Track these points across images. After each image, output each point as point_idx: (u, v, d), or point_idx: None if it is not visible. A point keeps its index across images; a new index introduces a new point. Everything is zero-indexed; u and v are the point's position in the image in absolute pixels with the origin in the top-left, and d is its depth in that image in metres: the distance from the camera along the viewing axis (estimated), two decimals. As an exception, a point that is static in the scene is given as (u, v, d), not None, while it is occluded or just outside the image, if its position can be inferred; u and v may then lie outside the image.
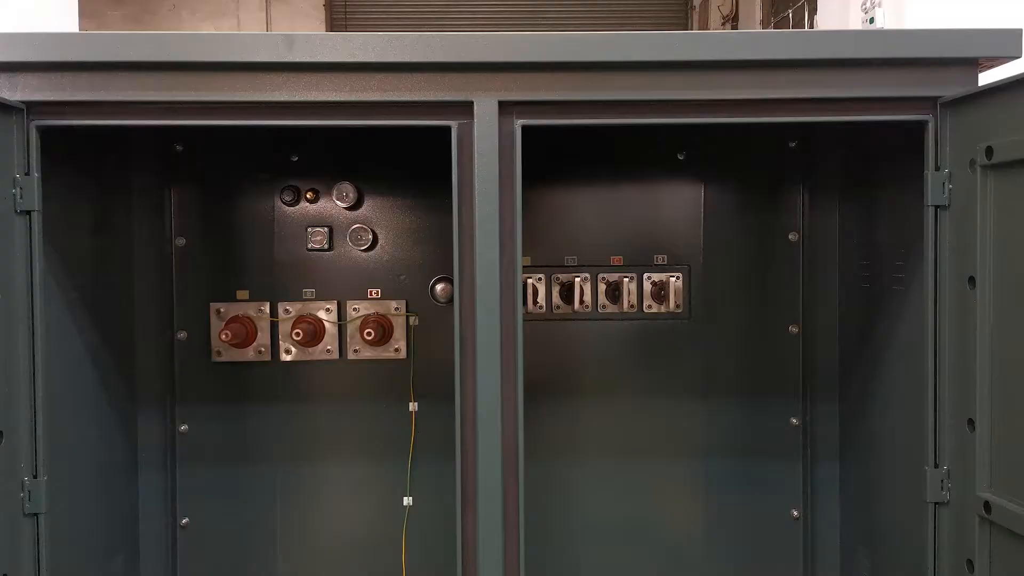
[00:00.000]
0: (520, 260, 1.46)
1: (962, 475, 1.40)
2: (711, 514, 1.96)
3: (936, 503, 1.45)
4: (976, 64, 1.45)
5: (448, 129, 1.44)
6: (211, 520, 1.94)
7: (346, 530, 1.96)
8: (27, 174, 1.39)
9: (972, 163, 1.35)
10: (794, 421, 1.95)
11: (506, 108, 1.44)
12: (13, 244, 1.38)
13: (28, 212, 1.40)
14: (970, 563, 1.37)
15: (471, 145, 1.44)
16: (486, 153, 1.44)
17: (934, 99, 1.43)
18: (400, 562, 1.93)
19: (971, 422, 1.37)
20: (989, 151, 1.31)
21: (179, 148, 1.91)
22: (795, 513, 1.95)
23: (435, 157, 1.51)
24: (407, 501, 1.93)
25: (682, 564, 1.97)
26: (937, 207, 1.43)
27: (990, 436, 1.34)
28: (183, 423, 1.93)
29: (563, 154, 1.90)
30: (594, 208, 1.96)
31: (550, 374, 1.94)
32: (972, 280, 1.35)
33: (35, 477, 1.42)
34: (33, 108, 1.40)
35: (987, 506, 1.33)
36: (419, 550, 1.93)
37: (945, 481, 1.44)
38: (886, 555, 1.72)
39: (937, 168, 1.43)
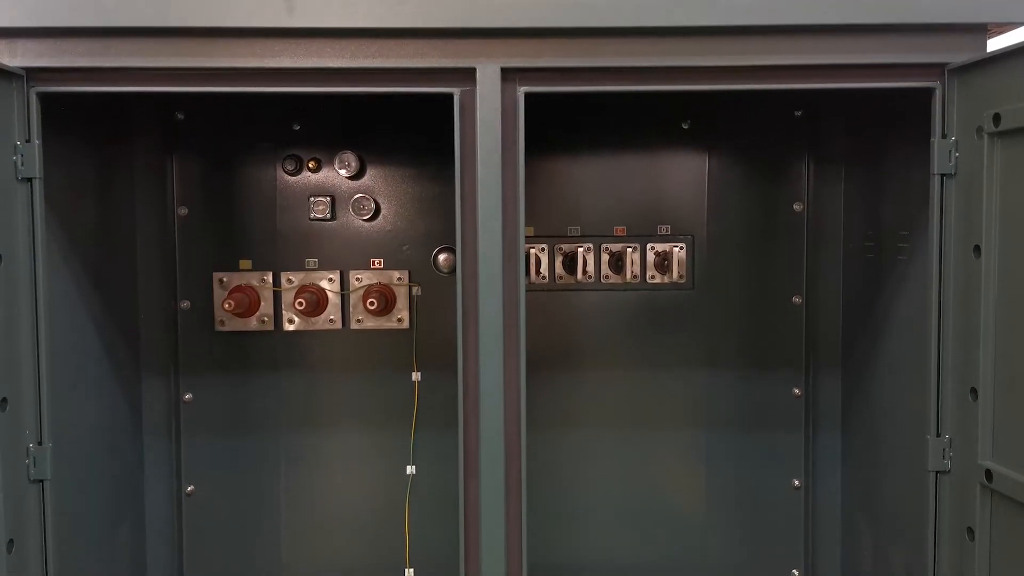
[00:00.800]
0: (523, 229, 1.45)
1: (964, 444, 1.40)
2: (713, 484, 1.97)
3: (938, 472, 1.45)
4: (985, 30, 1.43)
5: (450, 96, 1.42)
6: (216, 488, 1.95)
7: (350, 498, 1.97)
8: (28, 141, 1.39)
9: (979, 131, 1.34)
10: (796, 392, 1.95)
11: (509, 75, 1.42)
12: (15, 211, 1.38)
13: (29, 179, 1.39)
14: (970, 531, 1.38)
15: (474, 113, 1.43)
16: (489, 121, 1.43)
17: (941, 66, 1.41)
18: (403, 530, 1.94)
19: (974, 391, 1.37)
20: (996, 118, 1.30)
21: (180, 116, 1.90)
22: (796, 483, 1.96)
23: (438, 126, 1.50)
24: (410, 470, 1.95)
25: (683, 533, 1.98)
26: (943, 175, 1.42)
27: (993, 405, 1.34)
28: (187, 392, 1.94)
29: (566, 123, 1.89)
30: (597, 178, 1.95)
31: (553, 344, 1.94)
32: (977, 249, 1.35)
33: (40, 444, 1.43)
34: (33, 74, 1.39)
35: (988, 474, 1.33)
36: (422, 517, 1.94)
37: (947, 450, 1.44)
38: (887, 524, 1.73)
39: (944, 136, 1.41)
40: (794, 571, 1.97)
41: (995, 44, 1.40)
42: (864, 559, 1.85)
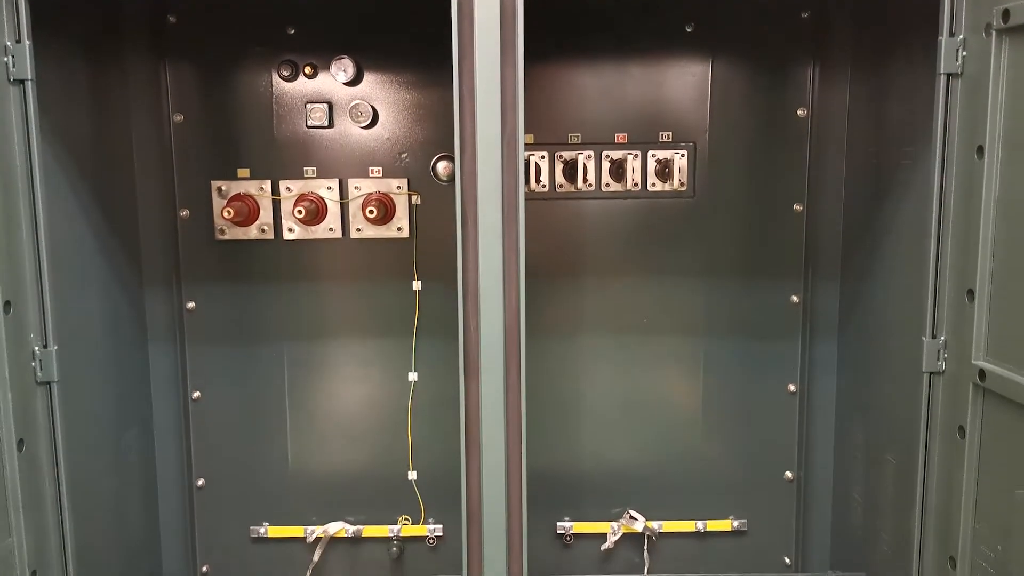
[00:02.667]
0: (522, 132, 1.43)
1: (958, 346, 1.42)
2: (710, 389, 2.00)
3: (932, 372, 1.48)
4: (998, -78, 1.38)
5: (447, -5, 1.39)
6: (222, 394, 1.99)
7: (354, 404, 2.01)
8: (18, 42, 1.36)
9: (987, 28, 1.31)
10: (794, 299, 1.96)
11: (508, -27, 1.38)
12: (9, 114, 1.37)
13: (22, 81, 1.38)
14: (961, 429, 1.41)
15: (471, 15, 1.40)
16: (487, 21, 1.39)
17: (952, -41, 1.37)
18: (406, 435, 1.98)
19: (971, 292, 1.37)
20: (1006, 14, 1.27)
21: (172, 19, 1.86)
22: (792, 388, 1.99)
23: (436, 30, 1.47)
24: (412, 376, 1.98)
25: (680, 437, 2.02)
26: (949, 75, 1.39)
27: (989, 306, 1.35)
28: (190, 300, 1.95)
29: (566, 27, 1.85)
30: (598, 84, 1.92)
31: (552, 253, 1.95)
32: (980, 149, 1.33)
33: (45, 347, 1.45)
34: (21, -28, 1.36)
35: (982, 374, 1.35)
36: (425, 422, 1.98)
37: (942, 351, 1.46)
38: (879, 427, 1.77)
39: (951, 34, 1.38)
40: (787, 472, 2.02)
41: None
42: (856, 461, 1.89)
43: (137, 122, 1.88)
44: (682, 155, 1.91)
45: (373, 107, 1.89)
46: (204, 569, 2.05)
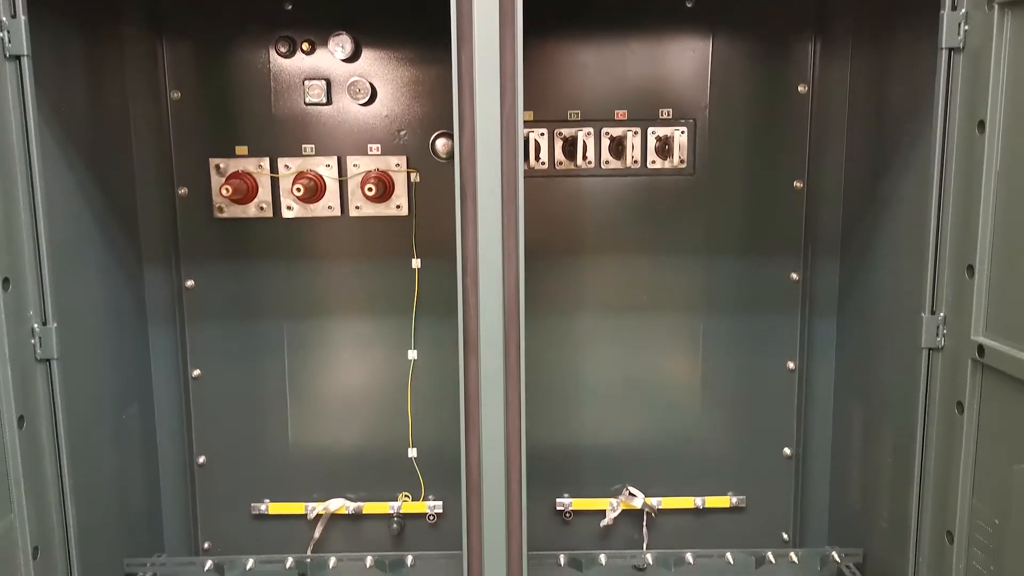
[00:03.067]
0: (521, 107, 1.42)
1: (958, 321, 1.42)
2: (709, 366, 2.01)
3: (930, 349, 1.48)
4: None
5: (446, -32, 1.38)
6: (222, 371, 1.99)
7: (354, 382, 2.01)
8: (13, 17, 1.35)
9: (989, 1, 1.30)
10: (794, 276, 1.96)
11: (506, -54, 1.37)
12: (5, 90, 1.36)
13: (18, 57, 1.37)
14: (959, 405, 1.41)
15: (470, -12, 1.39)
16: (485, -4, 1.38)
17: (955, -68, 1.36)
18: (407, 412, 1.99)
19: (970, 268, 1.37)
20: (1009, -13, 1.26)
21: (168, -6, 1.85)
22: (791, 365, 1.99)
23: (434, 5, 1.46)
24: (412, 355, 1.98)
25: (679, 414, 2.03)
26: (951, 49, 1.38)
27: (988, 281, 1.35)
28: (189, 279, 1.95)
29: (566, 3, 1.83)
30: (598, 60, 1.91)
31: (552, 230, 1.94)
32: (982, 124, 1.33)
33: (44, 324, 1.45)
34: (15, -55, 1.35)
35: (981, 350, 1.35)
36: (424, 400, 1.99)
37: (941, 327, 1.46)
38: (877, 403, 1.77)
39: (953, 8, 1.37)
40: (785, 449, 2.03)
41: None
42: (854, 437, 1.90)
43: (134, 99, 1.87)
44: (682, 132, 1.90)
45: (371, 84, 1.88)
46: (206, 546, 2.06)
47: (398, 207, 1.92)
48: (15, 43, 1.35)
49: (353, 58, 1.88)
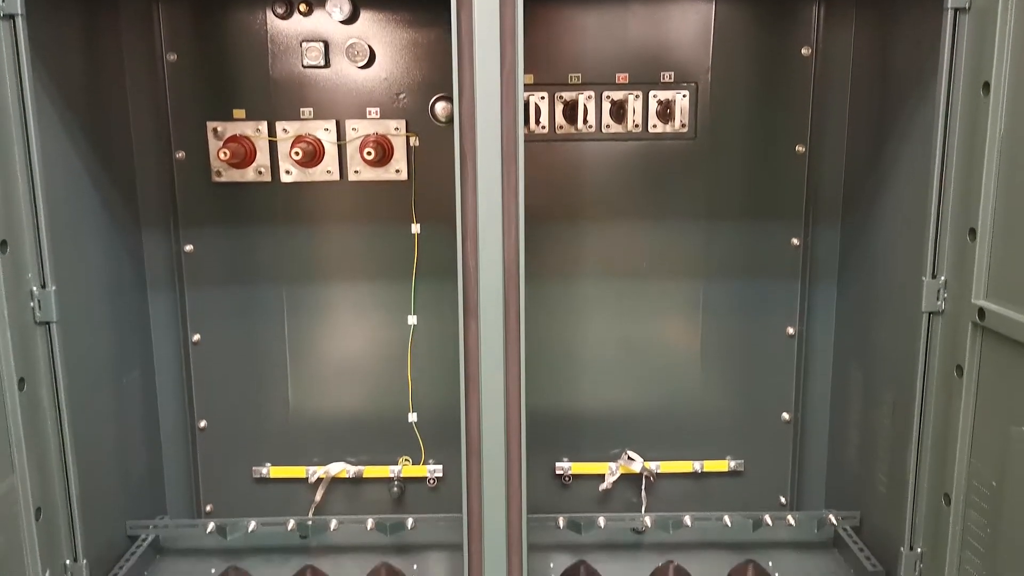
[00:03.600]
0: (521, 70, 1.41)
1: (958, 285, 1.42)
2: (709, 331, 2.01)
3: (931, 312, 1.48)
4: None
5: (444, -75, 1.35)
6: (222, 336, 1.99)
7: (354, 346, 2.01)
8: (5, -25, 1.34)
9: (998, -41, 1.28)
10: (795, 242, 1.96)
11: (506, -99, 1.35)
12: (-1, 49, 1.35)
13: (11, 16, 1.35)
14: (959, 368, 1.41)
15: (469, -53, 1.37)
16: (485, -46, 1.36)
17: None
18: (407, 376, 1.99)
19: (972, 232, 1.37)
20: (1017, -55, 1.24)
21: (164, -44, 1.82)
22: (791, 331, 2.00)
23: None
24: (412, 320, 1.98)
25: (679, 378, 2.03)
26: (957, 9, 1.37)
27: (990, 244, 1.34)
28: (188, 243, 1.94)
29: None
30: (599, 23, 1.88)
31: (552, 195, 1.93)
32: (987, 86, 1.32)
33: (43, 287, 1.44)
34: (5, -98, 1.32)
35: (981, 313, 1.35)
36: (425, 365, 1.99)
37: (941, 291, 1.46)
38: (877, 367, 1.77)
39: (960, -33, 1.36)
40: (784, 414, 2.04)
41: None
42: (852, 402, 1.91)
43: (130, 62, 1.85)
44: (684, 96, 1.89)
45: (370, 46, 1.86)
46: (208, 509, 2.08)
47: (397, 171, 1.91)
48: (8, 1, 1.34)
49: (351, 20, 1.85)
